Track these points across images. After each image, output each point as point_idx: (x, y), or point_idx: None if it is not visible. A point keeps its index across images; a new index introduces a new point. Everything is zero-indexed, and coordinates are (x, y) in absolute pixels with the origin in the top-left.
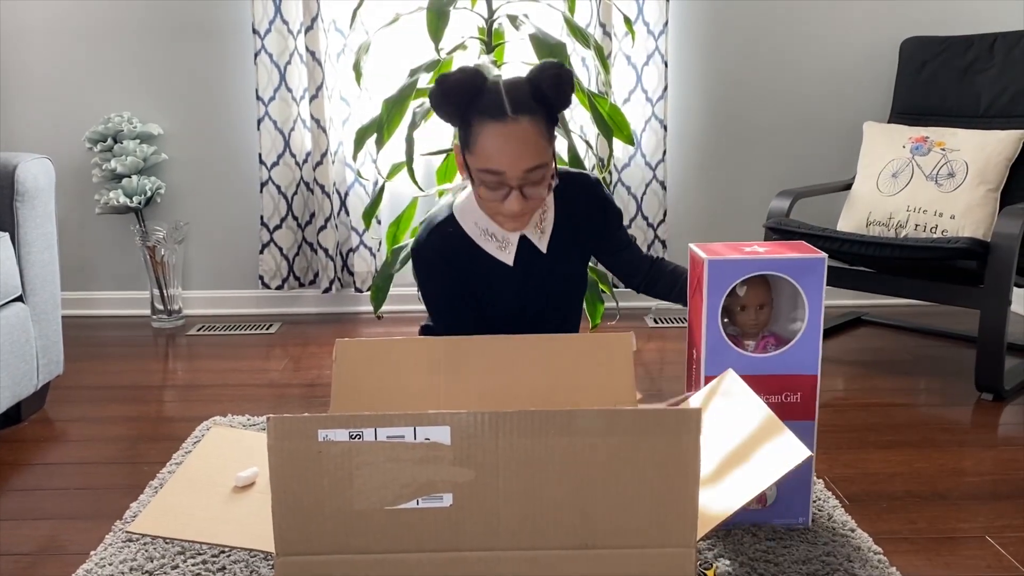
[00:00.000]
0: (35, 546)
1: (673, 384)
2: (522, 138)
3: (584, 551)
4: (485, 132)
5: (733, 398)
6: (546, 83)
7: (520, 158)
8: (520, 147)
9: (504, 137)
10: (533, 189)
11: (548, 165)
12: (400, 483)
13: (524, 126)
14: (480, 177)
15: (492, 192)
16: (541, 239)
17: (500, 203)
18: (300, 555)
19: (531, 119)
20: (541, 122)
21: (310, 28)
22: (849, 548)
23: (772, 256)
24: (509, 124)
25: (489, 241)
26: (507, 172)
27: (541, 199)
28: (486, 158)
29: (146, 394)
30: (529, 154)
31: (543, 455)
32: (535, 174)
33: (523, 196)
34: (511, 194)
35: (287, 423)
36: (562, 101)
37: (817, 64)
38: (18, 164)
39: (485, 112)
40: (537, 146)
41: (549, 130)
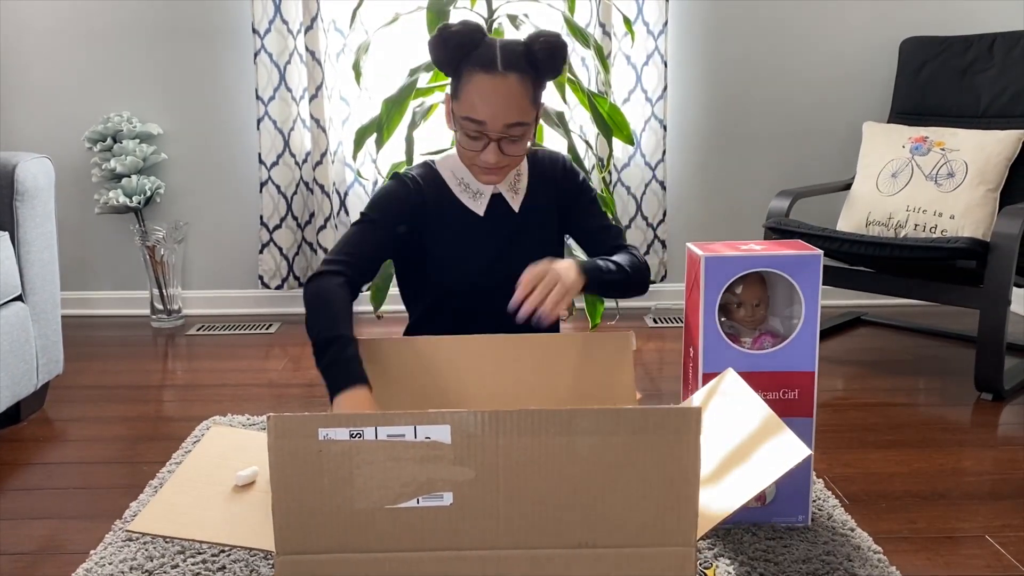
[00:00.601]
0: (35, 546)
1: (672, 384)
2: (507, 93)
3: (584, 550)
4: (474, 82)
5: (733, 398)
6: (539, 47)
7: (503, 111)
8: (504, 101)
9: (491, 89)
10: (511, 146)
11: (529, 125)
12: (400, 482)
13: (511, 82)
14: (462, 125)
15: (471, 141)
16: (514, 199)
17: (478, 153)
18: (300, 554)
19: (519, 77)
20: (528, 83)
21: (310, 28)
22: (849, 547)
23: (768, 253)
24: (497, 78)
25: (463, 191)
26: (488, 123)
27: (518, 157)
28: (471, 107)
29: (145, 394)
30: (512, 109)
31: (543, 454)
32: (515, 130)
33: (500, 150)
34: (489, 145)
35: (287, 422)
36: (552, 67)
37: (817, 64)
38: (18, 164)
39: (477, 63)
40: (521, 104)
41: (536, 93)
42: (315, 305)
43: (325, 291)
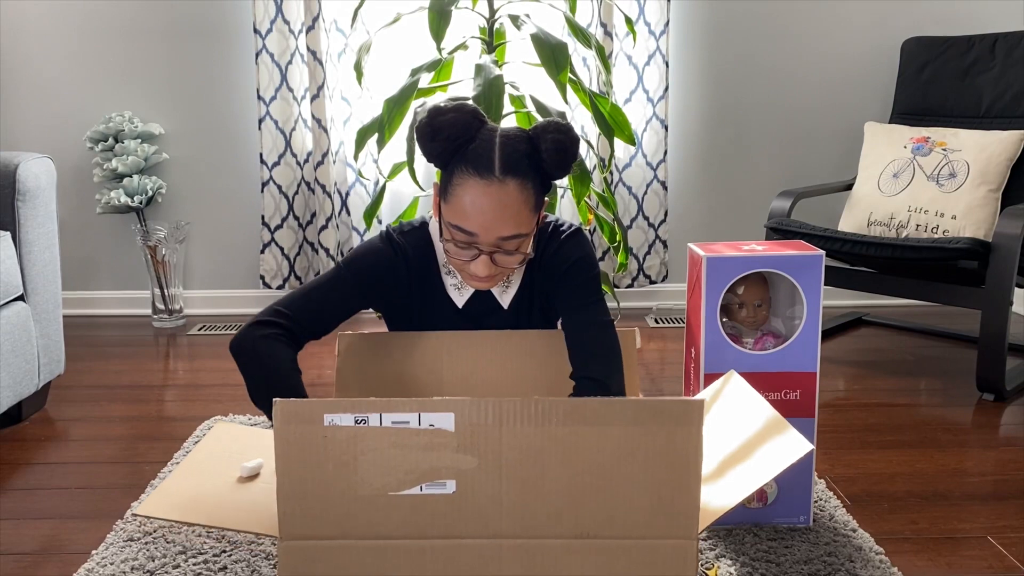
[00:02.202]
0: (36, 545)
1: (674, 384)
2: (504, 203)
3: (586, 540)
4: (465, 186)
5: (737, 400)
6: (547, 146)
7: (497, 224)
8: (500, 212)
9: (485, 198)
10: (505, 258)
11: (527, 236)
12: (404, 469)
13: (510, 190)
14: (451, 232)
15: (460, 250)
16: (504, 294)
17: (466, 263)
18: (304, 539)
19: (519, 183)
20: (530, 188)
21: (311, 28)
22: (851, 548)
23: (770, 253)
24: (494, 184)
25: (447, 274)
26: (480, 235)
27: (511, 269)
28: (461, 215)
29: (147, 394)
30: (508, 222)
31: (546, 444)
32: (510, 243)
33: (492, 261)
34: (479, 257)
35: (293, 407)
36: (560, 169)
37: (818, 64)
38: (19, 163)
39: (471, 164)
40: (519, 215)
41: (538, 198)
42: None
43: (272, 354)
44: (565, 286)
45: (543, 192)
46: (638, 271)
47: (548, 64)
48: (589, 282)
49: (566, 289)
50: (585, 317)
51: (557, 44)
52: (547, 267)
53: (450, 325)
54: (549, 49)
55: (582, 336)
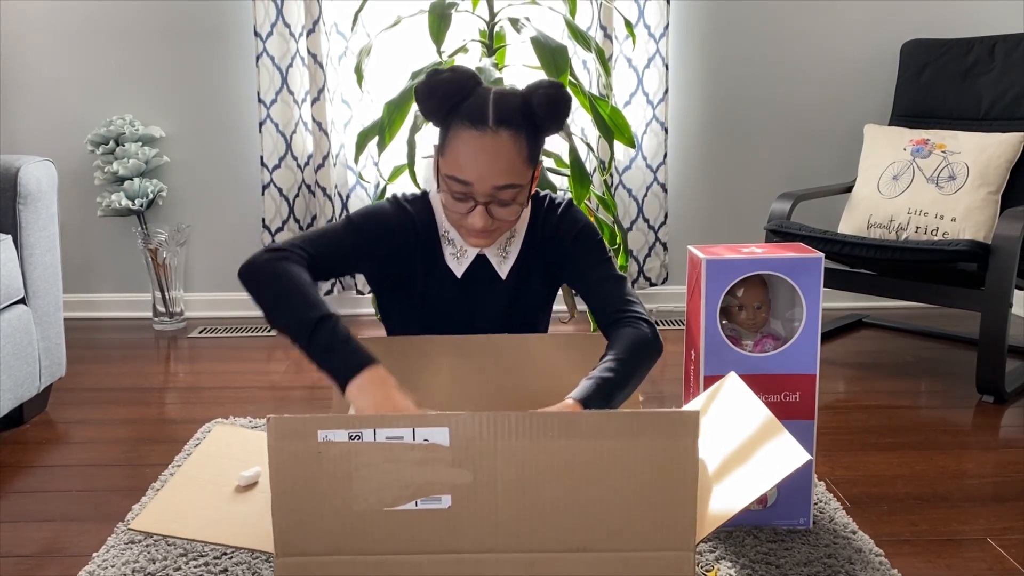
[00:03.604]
0: (37, 548)
1: (674, 386)
2: (498, 152)
3: (582, 554)
4: (461, 138)
5: (733, 400)
6: (538, 99)
7: (491, 172)
8: (493, 161)
9: (479, 147)
10: (501, 210)
11: (522, 187)
12: (399, 484)
13: (503, 140)
14: (448, 184)
15: (456, 203)
16: (502, 264)
17: (463, 216)
18: (299, 556)
19: (513, 134)
20: (523, 140)
21: (311, 31)
22: (851, 550)
23: (769, 256)
24: (487, 135)
25: (447, 244)
26: (475, 185)
27: (508, 222)
28: (456, 166)
29: (148, 396)
30: (502, 171)
31: (541, 457)
32: (505, 193)
33: (489, 213)
34: (476, 209)
35: (287, 423)
36: (552, 121)
37: (818, 66)
38: (20, 166)
39: (466, 117)
40: (512, 164)
41: (532, 151)
42: (283, 285)
43: (291, 272)
44: (576, 251)
45: (536, 146)
46: (638, 273)
47: (548, 67)
48: (599, 243)
49: (578, 253)
50: (605, 272)
51: (557, 47)
52: (552, 237)
53: (448, 296)
54: (549, 52)
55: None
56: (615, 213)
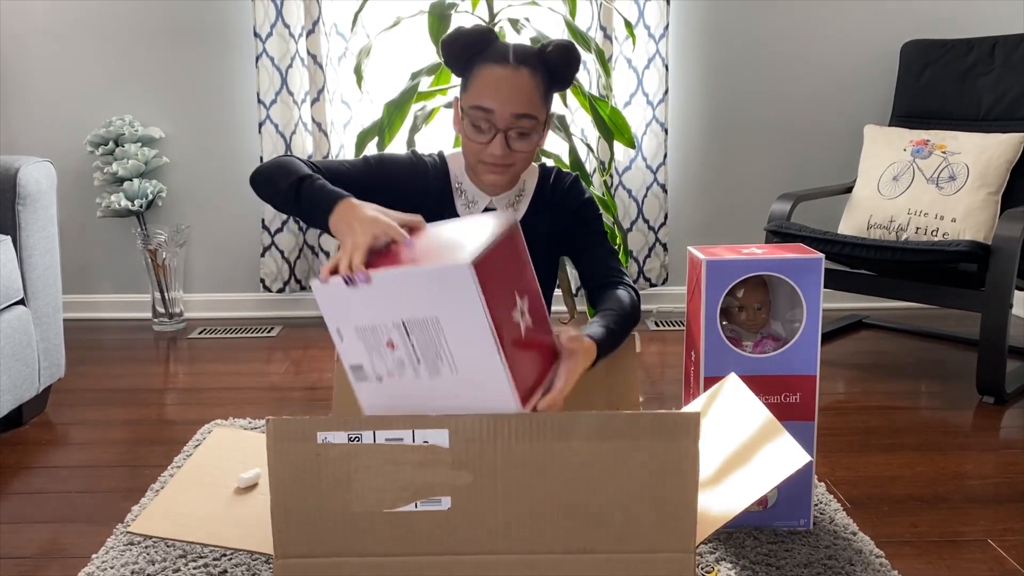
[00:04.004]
0: (36, 549)
1: (674, 387)
2: (518, 84)
3: (582, 555)
4: (484, 72)
5: (734, 401)
6: (552, 48)
7: (512, 100)
8: (514, 91)
9: (502, 77)
10: (518, 140)
11: (537, 122)
12: (398, 486)
13: (523, 74)
14: (470, 115)
15: (478, 133)
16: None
17: (484, 146)
18: (299, 557)
19: (531, 72)
20: (540, 80)
21: (311, 31)
22: (851, 551)
23: (770, 257)
24: (509, 68)
25: (459, 196)
26: (497, 111)
27: (524, 157)
28: (479, 95)
29: (147, 397)
30: (522, 100)
31: (541, 459)
32: (524, 122)
33: (507, 144)
34: (496, 137)
35: (286, 425)
36: (564, 69)
37: (818, 67)
38: (20, 167)
39: (489, 58)
40: (531, 97)
41: (547, 92)
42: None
43: (289, 161)
44: (580, 218)
45: (550, 91)
46: (638, 274)
47: None
48: (599, 217)
49: (581, 220)
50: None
51: None
52: (560, 202)
53: None
54: None
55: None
56: (615, 214)
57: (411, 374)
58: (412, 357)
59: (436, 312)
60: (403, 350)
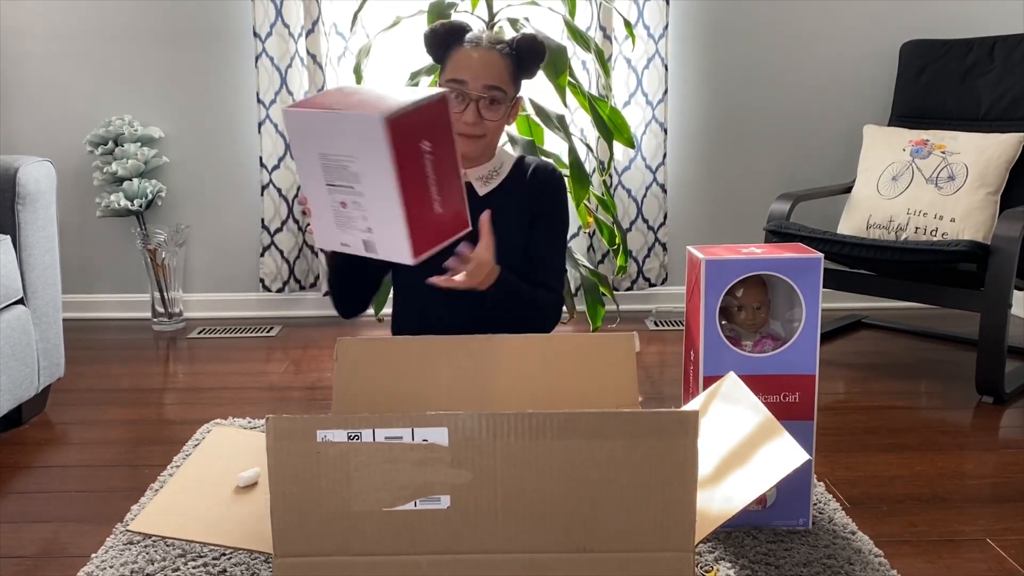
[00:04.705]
0: (36, 549)
1: (673, 387)
2: (489, 60)
3: (581, 554)
4: (460, 53)
5: (733, 400)
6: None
7: (484, 73)
8: (485, 65)
9: (474, 55)
10: (489, 110)
11: (506, 95)
12: (398, 484)
13: (494, 54)
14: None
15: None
16: (483, 186)
17: (459, 116)
18: (298, 556)
19: (501, 54)
20: (510, 63)
21: (311, 31)
22: (850, 551)
23: (769, 256)
24: (482, 47)
25: None
26: (470, 83)
27: (494, 127)
28: (455, 70)
29: (147, 397)
30: (492, 73)
31: (541, 457)
32: (494, 93)
33: (479, 112)
34: (469, 106)
35: (286, 424)
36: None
37: (817, 67)
38: (19, 167)
39: (464, 42)
40: (501, 73)
41: (515, 76)
42: None
43: None
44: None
45: (517, 74)
46: (637, 274)
47: (547, 67)
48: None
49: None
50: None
51: (556, 48)
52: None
53: None
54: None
55: (542, 262)
56: (614, 213)
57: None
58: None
59: (354, 153)
60: (336, 174)
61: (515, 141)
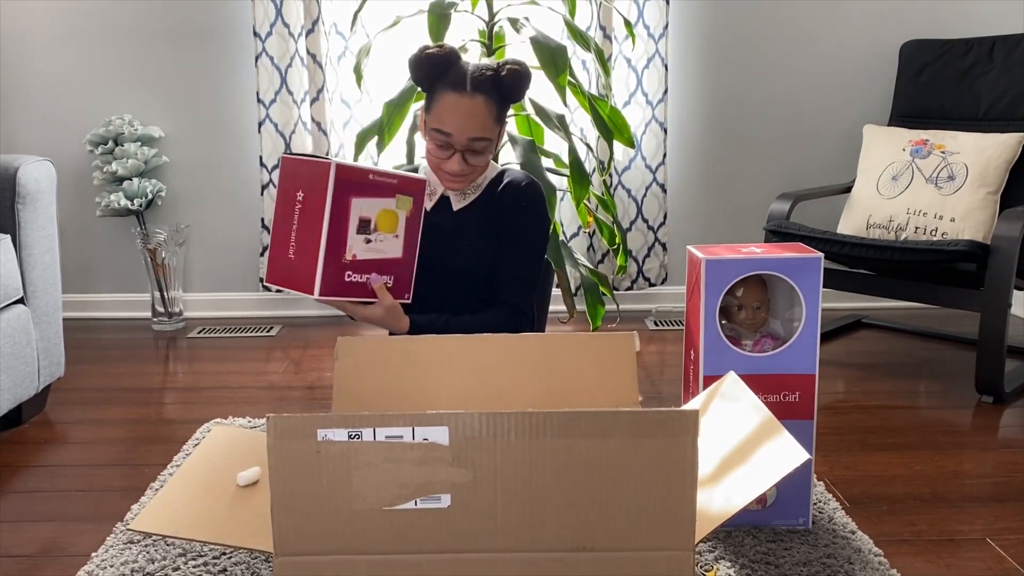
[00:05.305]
0: (36, 548)
1: (673, 386)
2: (473, 111)
3: (582, 553)
4: (445, 99)
5: (733, 400)
6: (506, 72)
7: (468, 126)
8: (469, 118)
9: (459, 106)
10: (474, 157)
11: (491, 141)
12: (398, 484)
13: (478, 102)
14: (432, 136)
15: (439, 150)
16: (459, 203)
17: (444, 161)
18: (298, 555)
19: (486, 99)
20: (493, 105)
21: (311, 31)
22: (850, 550)
23: (769, 256)
24: (465, 97)
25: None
26: (455, 136)
27: (479, 168)
28: (441, 120)
29: (147, 396)
30: (476, 126)
31: (541, 457)
32: (478, 144)
33: (464, 160)
34: (454, 155)
35: (286, 422)
36: (516, 92)
37: (817, 67)
38: (19, 166)
39: (449, 83)
40: (485, 122)
41: (500, 113)
42: None
43: None
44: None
45: (503, 110)
46: (637, 274)
47: (547, 67)
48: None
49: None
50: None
51: (556, 47)
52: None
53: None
54: (548, 52)
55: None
56: (614, 213)
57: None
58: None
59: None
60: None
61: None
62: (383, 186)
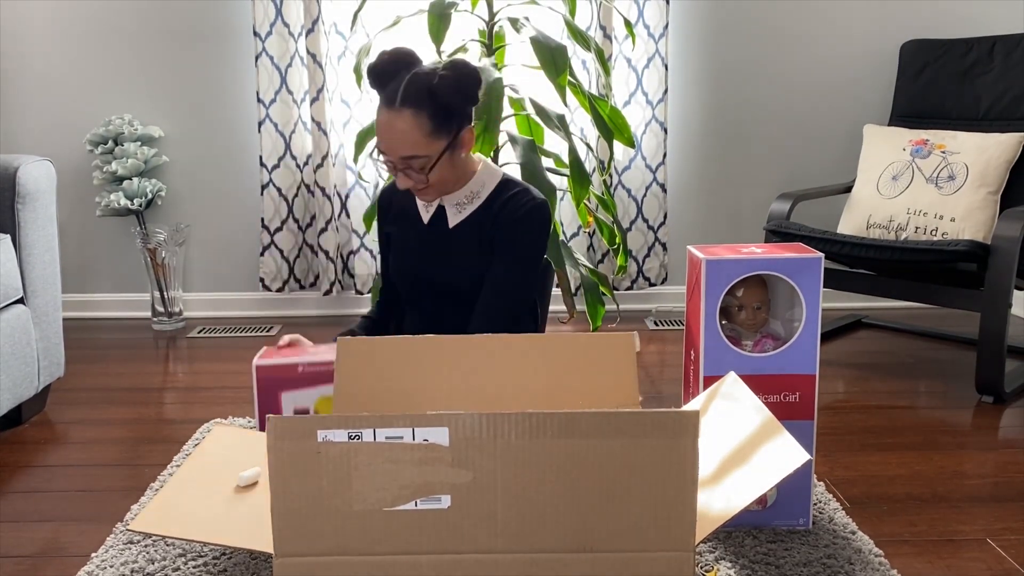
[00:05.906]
0: (36, 548)
1: (673, 386)
2: (398, 128)
3: (582, 554)
4: (378, 115)
5: (733, 400)
6: (438, 81)
7: (396, 145)
8: (395, 136)
9: (386, 123)
10: (416, 175)
11: (430, 157)
12: (398, 484)
13: (405, 117)
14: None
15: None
16: (455, 216)
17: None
18: (299, 556)
19: (415, 112)
20: (425, 117)
21: (311, 31)
22: (850, 550)
23: (769, 256)
24: (392, 113)
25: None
26: (388, 154)
27: (436, 177)
28: (377, 137)
29: (147, 396)
30: (403, 144)
31: (541, 457)
32: (414, 162)
33: (409, 176)
34: (398, 173)
35: (286, 423)
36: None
37: (817, 67)
38: (19, 166)
39: (384, 97)
40: (414, 139)
41: (436, 124)
42: None
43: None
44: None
45: (443, 120)
46: (637, 273)
47: (548, 67)
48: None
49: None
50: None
51: (556, 47)
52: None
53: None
54: (548, 52)
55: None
56: (614, 213)
57: None
58: None
59: None
60: None
61: (515, 141)
62: (317, 375)
